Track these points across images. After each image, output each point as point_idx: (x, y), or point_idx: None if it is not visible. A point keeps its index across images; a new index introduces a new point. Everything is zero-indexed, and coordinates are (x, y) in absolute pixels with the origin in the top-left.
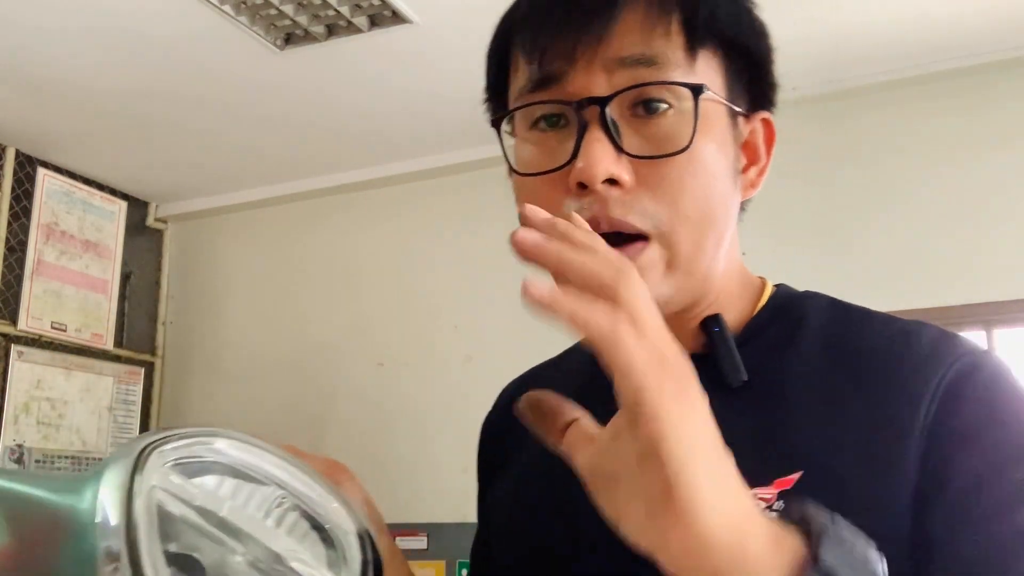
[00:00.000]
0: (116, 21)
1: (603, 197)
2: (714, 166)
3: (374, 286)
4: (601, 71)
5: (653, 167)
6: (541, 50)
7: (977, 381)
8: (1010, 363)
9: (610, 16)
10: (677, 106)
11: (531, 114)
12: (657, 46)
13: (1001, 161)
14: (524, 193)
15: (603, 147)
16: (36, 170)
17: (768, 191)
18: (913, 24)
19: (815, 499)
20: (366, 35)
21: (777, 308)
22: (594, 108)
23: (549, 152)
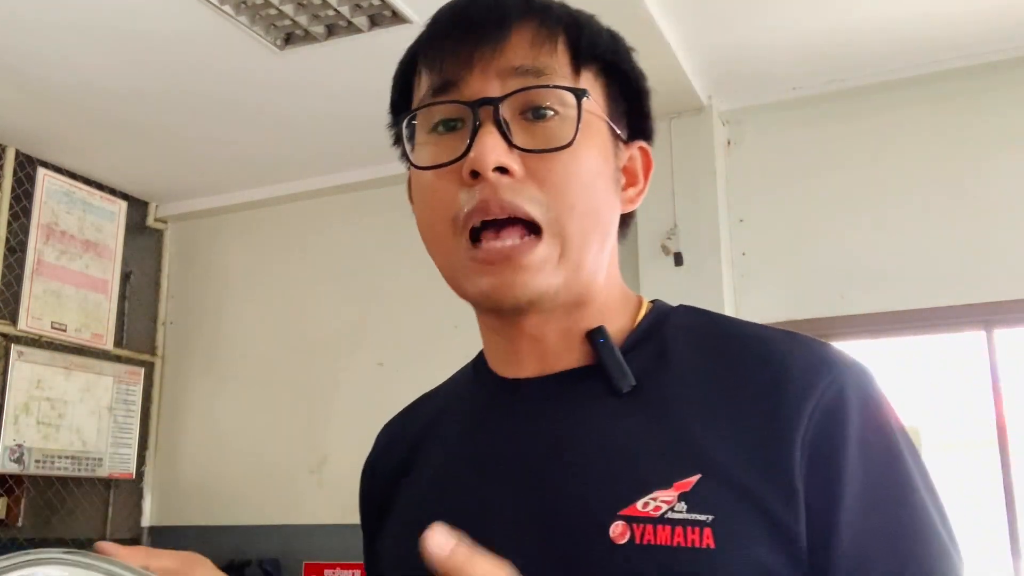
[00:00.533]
0: (116, 22)
1: (494, 184)
2: (596, 167)
3: (374, 286)
4: (495, 78)
5: (540, 161)
6: (440, 60)
7: (848, 401)
8: (877, 376)
9: (503, 30)
10: (562, 112)
11: (430, 119)
12: (545, 59)
13: (1001, 161)
14: (420, 189)
15: (495, 139)
16: (36, 170)
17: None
18: (913, 24)
19: (714, 500)
20: (366, 35)
21: (657, 321)
22: (488, 108)
23: (446, 150)
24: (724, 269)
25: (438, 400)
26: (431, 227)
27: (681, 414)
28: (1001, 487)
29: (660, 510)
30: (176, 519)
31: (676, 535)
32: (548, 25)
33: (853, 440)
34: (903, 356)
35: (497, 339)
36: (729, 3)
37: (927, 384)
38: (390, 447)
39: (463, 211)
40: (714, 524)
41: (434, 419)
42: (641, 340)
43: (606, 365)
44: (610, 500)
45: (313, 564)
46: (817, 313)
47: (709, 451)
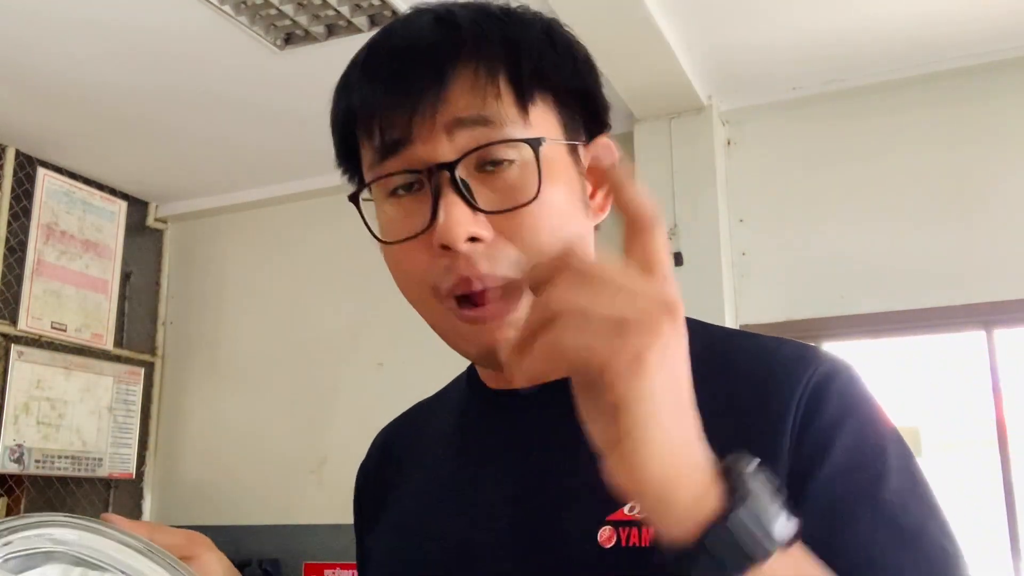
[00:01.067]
0: (116, 22)
1: (467, 255)
2: (565, 207)
3: (374, 286)
4: (442, 134)
5: (508, 219)
6: (380, 121)
7: (834, 386)
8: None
9: (441, 81)
10: (520, 158)
11: (387, 185)
12: (490, 106)
13: (1001, 161)
14: (392, 260)
15: (459, 209)
16: (36, 170)
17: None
18: (913, 24)
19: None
20: (366, 35)
21: None
22: (444, 173)
23: (409, 215)
24: (724, 269)
25: (432, 408)
26: (411, 293)
27: None
28: (1001, 487)
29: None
30: (176, 519)
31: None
32: (485, 66)
33: (829, 422)
34: (903, 356)
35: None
36: (729, 3)
37: (927, 384)
38: (384, 454)
39: (444, 285)
40: None
41: (427, 427)
42: None
43: None
44: (598, 506)
45: (313, 564)
46: (817, 313)
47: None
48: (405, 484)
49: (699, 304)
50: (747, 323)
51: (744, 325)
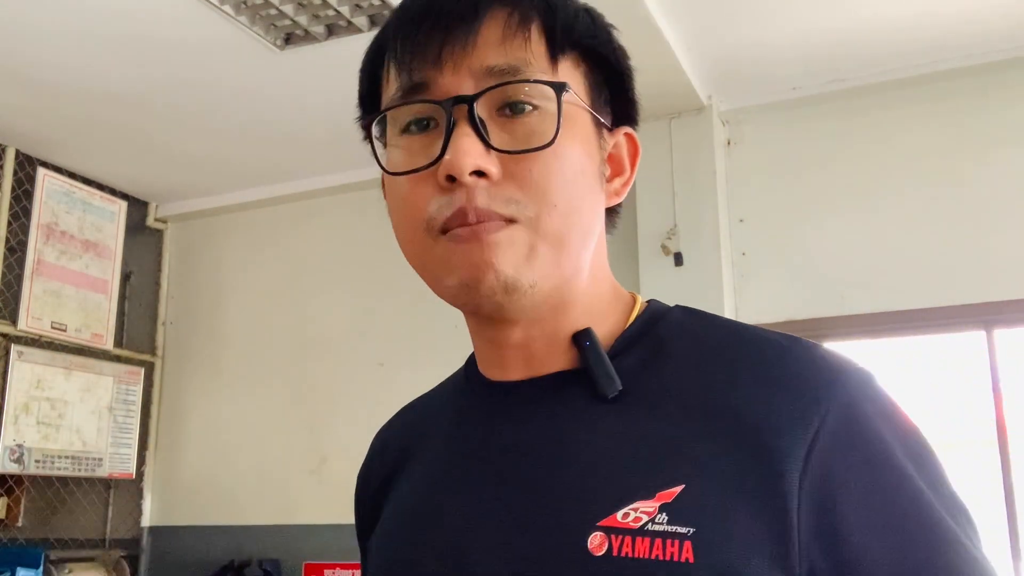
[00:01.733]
0: (116, 22)
1: (470, 189)
2: (579, 163)
3: (374, 286)
4: (468, 76)
5: (520, 161)
6: (410, 58)
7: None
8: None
9: (473, 24)
10: (542, 107)
11: (400, 119)
12: (519, 53)
13: (1001, 161)
14: (395, 194)
15: (471, 141)
16: (36, 170)
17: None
18: (913, 24)
19: (697, 513)
20: (366, 35)
21: (648, 322)
22: (462, 107)
23: (419, 152)
24: (724, 269)
25: (430, 404)
26: (405, 230)
27: (669, 421)
28: (1001, 487)
29: (640, 521)
30: (176, 519)
31: (655, 548)
32: (520, 12)
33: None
34: (903, 356)
35: (484, 343)
36: (729, 3)
37: (927, 384)
38: (383, 453)
39: (439, 216)
40: (694, 537)
41: (425, 423)
42: (631, 342)
43: (592, 369)
44: (589, 510)
45: (313, 564)
46: (817, 313)
47: (696, 460)
48: (404, 481)
49: (699, 304)
50: (747, 323)
51: None
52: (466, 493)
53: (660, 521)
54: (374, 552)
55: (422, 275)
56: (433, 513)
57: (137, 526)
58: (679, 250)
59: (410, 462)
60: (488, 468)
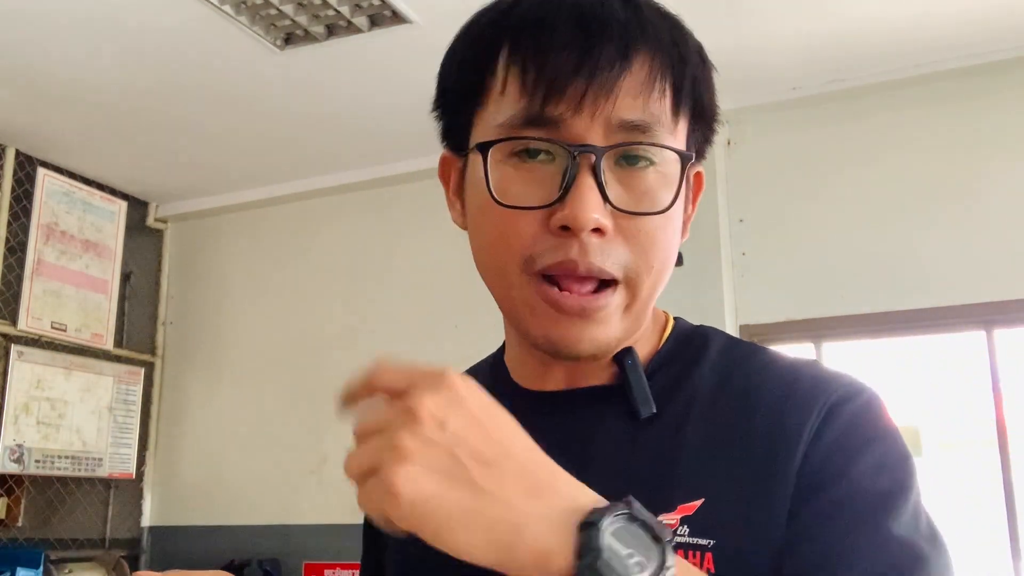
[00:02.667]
0: (116, 22)
1: (584, 244)
2: (677, 222)
3: (374, 286)
4: (602, 126)
5: (631, 220)
6: (546, 91)
7: (847, 409)
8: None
9: (622, 72)
10: (659, 166)
11: (516, 143)
12: (653, 109)
13: (1001, 161)
14: (494, 220)
15: (594, 195)
16: (36, 170)
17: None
18: (913, 24)
19: (716, 525)
20: (366, 35)
21: (678, 342)
22: (589, 156)
23: (531, 185)
24: (724, 269)
25: None
26: (496, 259)
27: (692, 438)
28: (1001, 487)
29: None
30: (176, 519)
31: None
32: (660, 60)
33: (842, 440)
34: (903, 356)
35: (532, 358)
36: (729, 3)
37: (927, 384)
38: None
39: (543, 260)
40: (715, 549)
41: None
42: (664, 363)
43: (631, 390)
44: None
45: (313, 564)
46: (817, 313)
47: (716, 477)
48: None
49: (699, 304)
50: (747, 323)
51: (744, 325)
52: None
53: (682, 533)
54: (392, 550)
55: (504, 305)
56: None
57: (137, 526)
58: (679, 250)
59: None
60: None
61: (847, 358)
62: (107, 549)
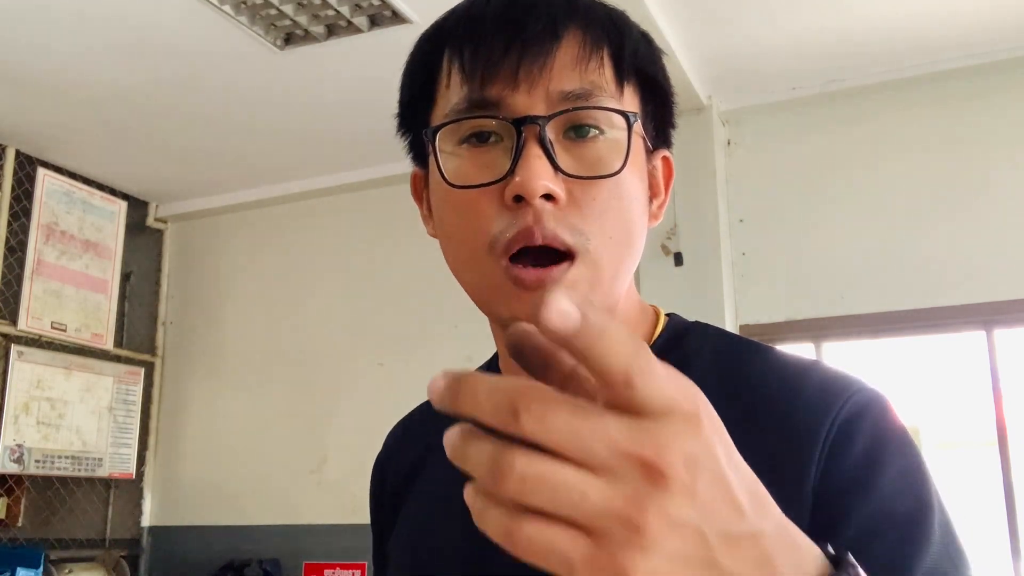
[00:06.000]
0: (116, 22)
1: (538, 211)
2: (634, 191)
3: (374, 286)
4: (542, 98)
5: (583, 187)
6: (482, 73)
7: (863, 423)
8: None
9: (552, 46)
10: (607, 133)
11: (461, 130)
12: (592, 78)
13: (1001, 161)
14: (453, 206)
15: (542, 163)
16: (36, 170)
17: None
18: (913, 24)
19: None
20: (366, 35)
21: (672, 337)
22: (533, 126)
23: (482, 166)
24: (724, 269)
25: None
26: (464, 246)
27: None
28: (1001, 487)
29: None
30: (176, 519)
31: None
32: (593, 35)
33: (860, 457)
34: (903, 356)
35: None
36: (729, 3)
37: (927, 384)
38: (402, 446)
39: (504, 236)
40: None
41: (444, 424)
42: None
43: None
44: None
45: (313, 564)
46: (817, 313)
47: None
48: (427, 479)
49: (699, 304)
50: (747, 323)
51: (744, 325)
52: None
53: None
54: (399, 547)
55: (473, 291)
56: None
57: (137, 526)
58: (679, 250)
59: (433, 460)
60: None
61: (847, 358)
62: (107, 549)
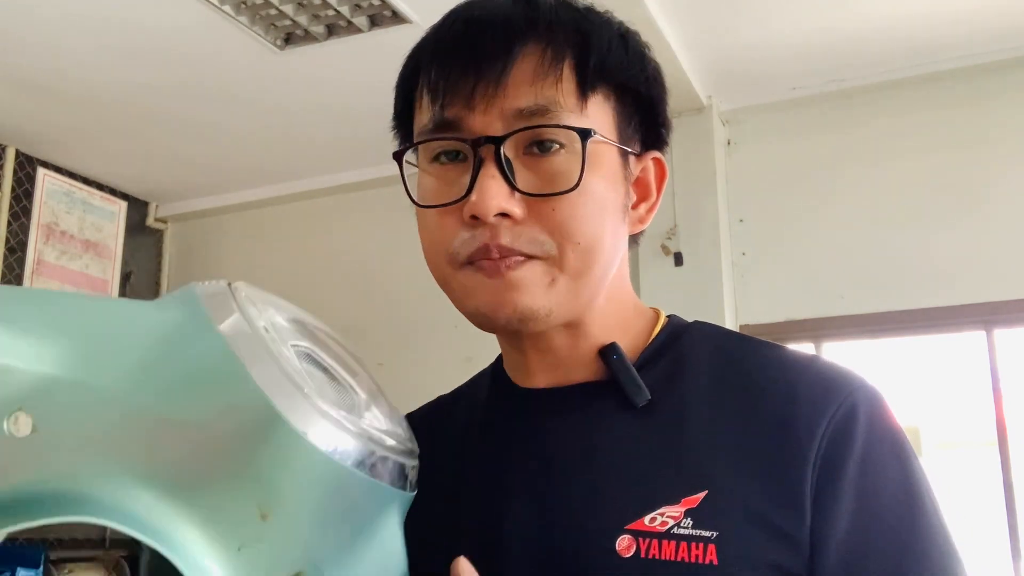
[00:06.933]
0: (116, 21)
1: (495, 228)
2: (602, 199)
3: (374, 286)
4: (498, 118)
5: (544, 203)
6: (442, 94)
7: (858, 425)
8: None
9: (506, 62)
10: (568, 146)
11: (432, 149)
12: (549, 94)
13: (1001, 161)
14: (422, 223)
15: (497, 184)
16: (36, 170)
17: (768, 191)
18: (913, 24)
19: (719, 517)
20: (366, 35)
21: (670, 336)
22: (490, 147)
23: (447, 184)
24: (724, 269)
25: (455, 404)
26: (430, 256)
27: (692, 431)
28: (1001, 487)
29: (666, 525)
30: None
31: (680, 550)
32: (553, 49)
33: (856, 458)
34: (903, 356)
35: (509, 349)
36: (729, 3)
37: (927, 384)
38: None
39: (462, 252)
40: (718, 541)
41: (449, 422)
42: (654, 356)
43: (621, 381)
44: (618, 514)
45: None
46: (817, 313)
47: (718, 468)
48: (428, 478)
49: (699, 304)
50: (747, 323)
51: (744, 325)
52: (495, 495)
53: (685, 525)
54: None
55: (452, 301)
56: (462, 513)
57: None
58: (679, 250)
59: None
60: (515, 471)
61: (847, 358)
62: (107, 549)
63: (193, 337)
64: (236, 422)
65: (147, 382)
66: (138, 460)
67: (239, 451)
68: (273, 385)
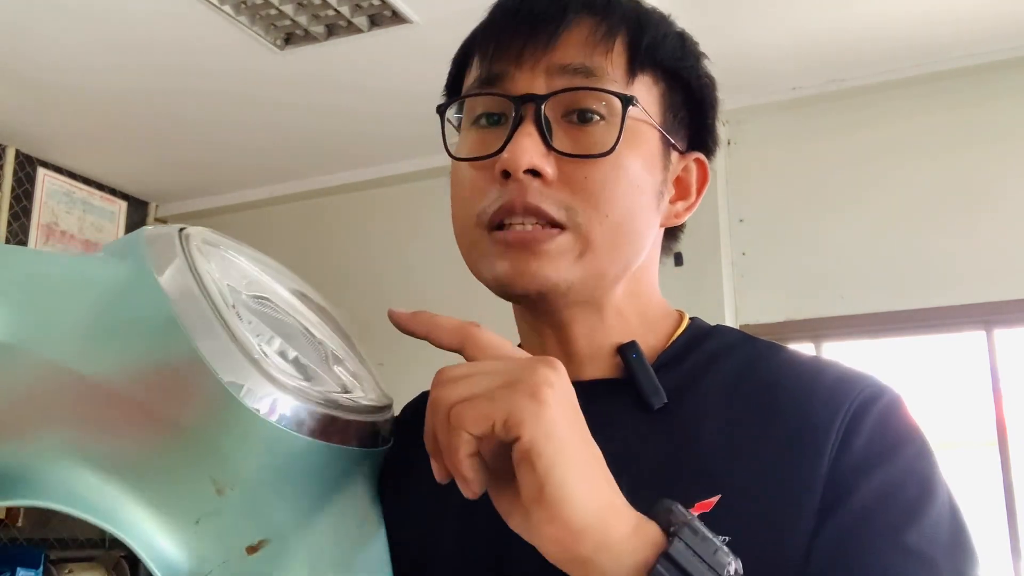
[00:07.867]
0: (116, 22)
1: (523, 185)
2: (638, 179)
3: (374, 286)
4: (543, 75)
5: (578, 167)
6: (491, 51)
7: (875, 410)
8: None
9: (559, 26)
10: (609, 119)
11: (474, 109)
12: (598, 60)
13: (1001, 161)
14: (455, 180)
15: (532, 140)
16: (36, 170)
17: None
18: (913, 24)
19: (733, 521)
20: (366, 35)
21: (692, 339)
22: (530, 105)
23: (484, 144)
24: (724, 269)
25: None
26: (459, 216)
27: (707, 435)
28: (1001, 487)
29: None
30: None
31: None
32: (608, 24)
33: (869, 448)
34: (903, 356)
35: (529, 331)
36: (729, 3)
37: (927, 384)
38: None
39: (489, 209)
40: (731, 545)
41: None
42: (674, 359)
43: (638, 380)
44: None
45: None
46: (817, 313)
47: (732, 473)
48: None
49: (699, 304)
50: (747, 323)
51: (744, 325)
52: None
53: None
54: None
55: (465, 259)
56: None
57: None
58: (679, 250)
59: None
60: None
61: (847, 358)
62: (107, 549)
63: (135, 298)
64: (183, 396)
65: (87, 348)
66: (79, 434)
67: (189, 426)
68: (221, 357)
